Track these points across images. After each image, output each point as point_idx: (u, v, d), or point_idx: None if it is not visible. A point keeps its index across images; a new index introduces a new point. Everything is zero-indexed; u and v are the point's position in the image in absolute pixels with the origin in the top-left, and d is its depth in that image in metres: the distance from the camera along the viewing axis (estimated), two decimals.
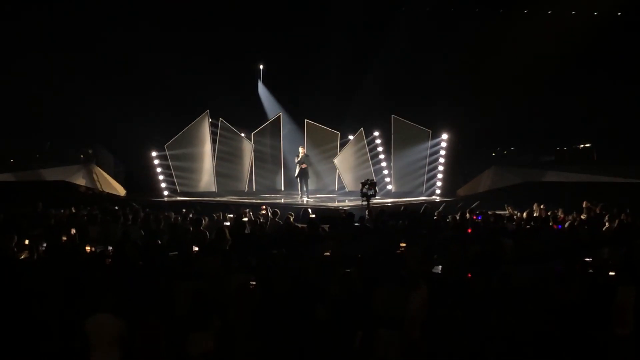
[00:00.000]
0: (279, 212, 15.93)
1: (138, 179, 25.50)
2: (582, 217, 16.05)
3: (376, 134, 24.97)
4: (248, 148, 25.28)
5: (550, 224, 14.43)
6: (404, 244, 11.33)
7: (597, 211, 16.57)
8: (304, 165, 22.53)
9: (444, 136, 24.49)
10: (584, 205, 17.20)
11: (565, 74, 23.79)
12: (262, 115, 26.99)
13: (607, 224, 14.47)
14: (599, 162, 25.46)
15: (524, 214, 16.84)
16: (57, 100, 22.84)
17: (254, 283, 8.54)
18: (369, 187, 18.41)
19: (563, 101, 24.23)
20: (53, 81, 22.63)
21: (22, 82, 22.69)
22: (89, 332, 7.49)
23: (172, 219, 15.80)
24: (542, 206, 17.58)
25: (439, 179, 24.56)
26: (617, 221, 14.48)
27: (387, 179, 24.74)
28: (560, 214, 16.44)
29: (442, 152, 24.58)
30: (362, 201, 18.74)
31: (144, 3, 23.65)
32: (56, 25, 22.93)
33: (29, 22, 22.78)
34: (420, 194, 24.37)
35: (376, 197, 19.57)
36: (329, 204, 21.58)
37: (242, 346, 7.94)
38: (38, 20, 22.85)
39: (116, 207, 18.53)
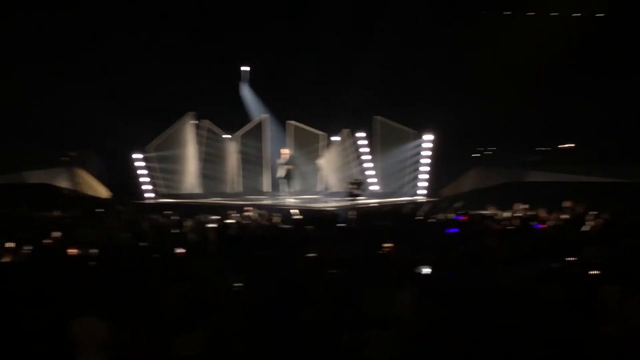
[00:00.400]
0: (264, 213, 15.94)
1: (122, 181, 25.40)
2: (566, 216, 16.15)
3: (361, 134, 25.00)
4: (233, 149, 25.25)
5: (534, 223, 14.52)
6: (389, 244, 11.35)
7: (580, 211, 16.68)
8: (288, 166, 22.51)
9: (429, 136, 24.56)
10: (567, 205, 17.29)
11: (550, 74, 23.92)
12: (246, 116, 26.94)
13: (590, 223, 14.57)
14: (583, 162, 25.60)
15: (508, 214, 16.92)
16: (41, 102, 22.73)
17: (240, 285, 8.53)
18: (355, 186, 18.45)
19: (547, 101, 24.38)
20: (35, 83, 22.49)
21: (3, 85, 22.57)
22: (74, 335, 7.44)
23: (157, 222, 15.78)
24: (525, 206, 17.68)
25: (424, 179, 24.63)
26: (600, 221, 14.58)
27: (372, 180, 24.78)
28: (543, 213, 16.53)
29: (427, 153, 24.65)
30: (350, 201, 18.79)
31: (126, 4, 23.57)
32: (37, 27, 22.82)
33: (10, 25, 22.67)
34: (405, 194, 24.43)
35: (362, 196, 19.61)
36: (314, 205, 21.59)
37: (230, 348, 7.93)
38: (19, 23, 22.74)
39: (100, 210, 18.47)
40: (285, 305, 8.00)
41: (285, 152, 22.93)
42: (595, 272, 8.91)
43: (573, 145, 27.00)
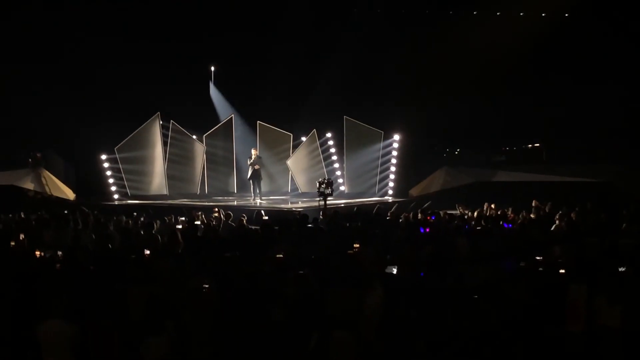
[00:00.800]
0: (231, 214, 15.88)
1: (88, 182, 25.21)
2: (532, 216, 16.29)
3: (329, 135, 25.07)
4: (200, 150, 25.16)
5: (501, 223, 14.61)
6: (357, 245, 11.35)
7: (547, 210, 16.85)
8: (257, 167, 22.48)
9: (396, 137, 24.69)
10: (533, 204, 17.45)
11: (516, 74, 24.16)
12: (214, 117, 26.88)
13: (557, 222, 14.71)
14: (548, 161, 25.87)
15: (475, 213, 17.03)
16: (5, 103, 22.50)
17: (208, 286, 8.47)
18: (325, 186, 18.46)
19: (513, 101, 24.61)
20: (1, 83, 22.25)
21: None
22: (40, 338, 7.35)
23: (123, 223, 15.67)
24: (492, 205, 17.81)
25: (392, 180, 24.76)
26: (566, 220, 14.73)
27: (340, 180, 24.82)
28: (510, 213, 16.66)
29: (394, 153, 24.77)
30: (319, 200, 18.79)
31: (92, 8, 23.40)
32: (5, 30, 22.58)
33: None
34: (373, 195, 24.53)
35: (332, 196, 19.61)
36: (282, 206, 21.61)
37: (197, 350, 7.88)
38: None
39: (66, 212, 18.28)
40: (253, 306, 7.96)
41: (254, 153, 22.88)
42: (562, 270, 8.98)
43: (538, 145, 27.27)
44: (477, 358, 7.67)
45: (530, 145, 27.94)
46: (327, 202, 19.00)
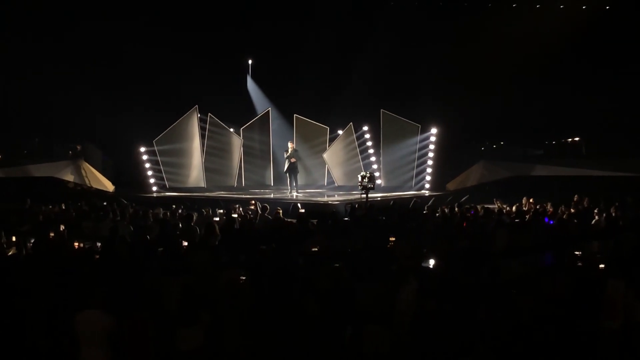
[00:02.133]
0: (268, 207, 15.91)
1: (126, 174, 25.45)
2: (571, 210, 16.10)
3: (365, 128, 24.97)
4: (237, 143, 25.25)
5: (541, 217, 14.47)
6: (393, 239, 11.31)
7: (585, 205, 16.64)
8: (293, 160, 22.49)
9: (433, 130, 24.51)
10: (575, 199, 17.27)
11: (555, 67, 23.86)
12: (251, 110, 26.93)
13: (596, 217, 14.52)
14: (588, 155, 25.55)
15: (513, 208, 16.88)
16: (45, 96, 22.80)
17: (243, 278, 8.51)
18: (368, 180, 18.43)
19: (552, 95, 24.32)
20: (41, 77, 22.54)
21: (9, 78, 22.65)
22: (78, 328, 7.44)
23: (161, 215, 15.77)
24: (531, 200, 17.64)
25: (428, 174, 24.60)
26: (605, 214, 14.54)
27: (377, 174, 24.74)
28: (549, 207, 16.48)
29: (431, 147, 24.60)
30: (361, 194, 18.76)
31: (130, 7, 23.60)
32: (44, 23, 22.88)
33: (13, 17, 22.75)
34: (410, 189, 24.41)
35: (374, 189, 19.53)
36: (318, 199, 21.57)
37: (231, 341, 7.92)
38: (23, 17, 22.81)
39: (104, 203, 18.49)
40: (287, 299, 7.98)
41: (291, 146, 22.89)
42: (601, 265, 8.88)
43: (578, 139, 26.95)
44: (512, 353, 7.61)
45: (569, 140, 27.62)
46: (364, 196, 18.94)
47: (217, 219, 15.38)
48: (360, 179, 18.69)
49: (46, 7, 22.93)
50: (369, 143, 25.07)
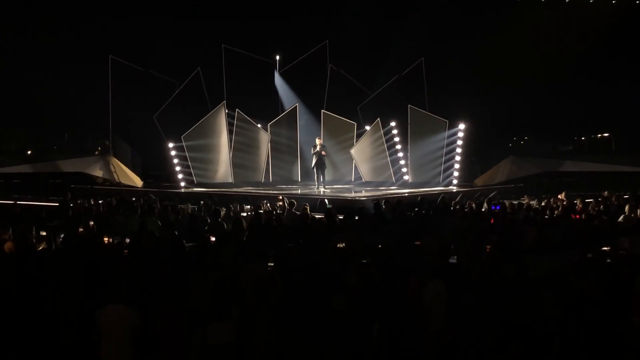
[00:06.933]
0: (295, 202, 15.90)
1: (155, 170, 25.60)
2: (601, 207, 15.94)
3: (393, 124, 24.88)
4: (265, 139, 25.26)
5: (570, 213, 14.35)
6: (421, 235, 11.27)
7: (615, 201, 16.47)
8: (323, 153, 22.48)
9: (461, 126, 24.33)
10: (605, 194, 17.11)
11: (584, 63, 23.65)
12: (278, 106, 26.97)
13: (626, 213, 14.37)
14: (618, 151, 25.29)
15: (543, 203, 16.74)
16: (75, 92, 23.01)
17: (271, 274, 8.53)
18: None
19: (582, 90, 24.10)
20: (70, 73, 22.75)
21: (39, 74, 22.89)
22: (100, 323, 7.49)
23: (189, 210, 15.83)
24: (560, 196, 17.51)
25: (456, 169, 24.44)
26: (636, 211, 14.38)
27: (404, 170, 24.66)
28: (579, 203, 16.34)
29: (459, 142, 24.43)
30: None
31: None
32: (74, 20, 23.14)
33: (46, 12, 23.03)
34: (438, 184, 24.27)
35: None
36: (346, 195, 21.53)
37: (261, 336, 7.95)
38: (50, 14, 23.12)
39: (133, 199, 18.61)
40: (315, 294, 7.97)
41: (319, 142, 22.89)
42: (630, 262, 8.79)
43: (608, 134, 26.69)
44: (540, 349, 7.56)
45: (599, 135, 27.37)
46: (391, 191, 18.88)
47: (245, 214, 15.41)
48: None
49: (77, 3, 23.17)
50: (397, 139, 24.97)
